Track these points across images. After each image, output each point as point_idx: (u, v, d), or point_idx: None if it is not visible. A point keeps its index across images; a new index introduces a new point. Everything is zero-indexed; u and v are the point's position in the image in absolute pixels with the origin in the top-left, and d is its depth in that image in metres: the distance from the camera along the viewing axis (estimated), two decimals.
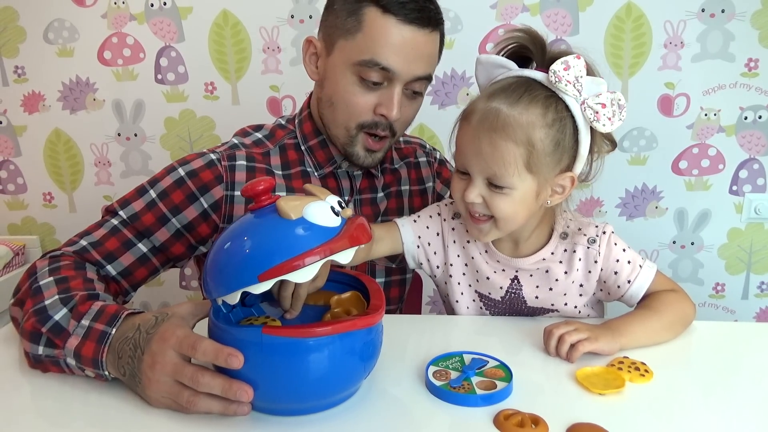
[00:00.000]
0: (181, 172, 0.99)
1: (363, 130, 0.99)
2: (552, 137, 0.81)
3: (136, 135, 1.91)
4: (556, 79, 0.80)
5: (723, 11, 1.73)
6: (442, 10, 0.98)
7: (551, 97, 0.81)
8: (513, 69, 0.85)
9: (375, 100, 0.97)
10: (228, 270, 0.64)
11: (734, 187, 1.88)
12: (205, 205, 0.99)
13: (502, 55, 0.88)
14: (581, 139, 0.83)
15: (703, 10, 1.74)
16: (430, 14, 0.94)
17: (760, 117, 1.81)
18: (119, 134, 1.91)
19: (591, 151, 0.85)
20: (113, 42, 1.82)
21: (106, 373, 0.73)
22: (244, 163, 1.02)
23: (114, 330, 0.73)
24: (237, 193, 1.00)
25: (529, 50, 0.85)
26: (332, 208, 0.65)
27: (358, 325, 0.65)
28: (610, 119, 0.80)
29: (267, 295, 0.79)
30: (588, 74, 0.82)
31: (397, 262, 1.13)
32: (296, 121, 1.09)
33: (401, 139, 1.20)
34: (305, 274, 0.62)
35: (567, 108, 0.81)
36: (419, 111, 1.05)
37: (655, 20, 1.75)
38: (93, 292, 0.81)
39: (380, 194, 1.13)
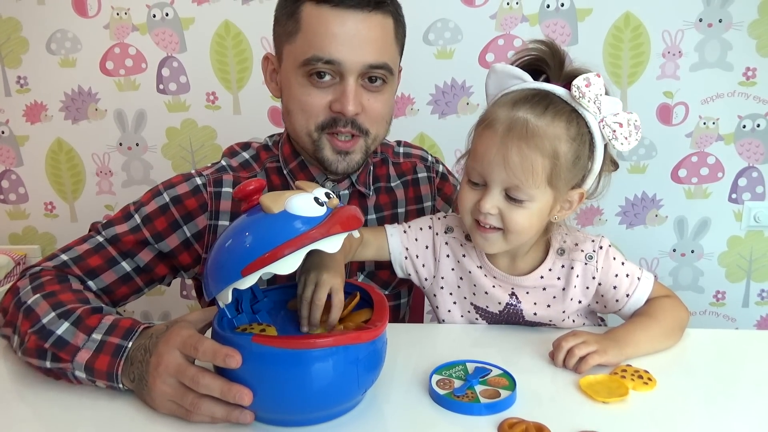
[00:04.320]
0: (166, 197, 0.97)
1: (325, 131, 0.94)
2: (574, 151, 0.81)
3: (137, 144, 1.91)
4: (579, 95, 0.80)
5: (720, 21, 1.75)
6: (443, 20, 0.97)
7: (574, 112, 0.82)
8: (528, 81, 0.85)
9: (329, 97, 0.92)
10: (216, 268, 0.65)
11: (733, 195, 1.89)
12: (188, 234, 0.97)
13: (517, 66, 0.87)
14: (596, 157, 0.84)
15: (700, 20, 1.75)
16: None
17: (758, 125, 1.82)
18: (121, 144, 1.92)
19: (601, 169, 0.86)
20: (115, 52, 1.83)
21: (120, 385, 0.73)
22: (230, 190, 0.99)
23: (131, 343, 0.74)
24: (221, 222, 0.98)
25: (545, 63, 0.85)
26: (316, 199, 0.65)
27: (346, 340, 0.64)
28: (626, 138, 0.81)
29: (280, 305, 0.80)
30: (605, 93, 0.82)
31: (390, 288, 1.11)
32: (279, 143, 1.06)
33: (401, 151, 1.16)
34: (287, 265, 0.62)
35: (586, 124, 0.82)
36: (419, 119, 1.03)
37: (654, 30, 1.76)
38: (96, 305, 0.81)
39: (371, 216, 1.08)
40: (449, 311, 0.99)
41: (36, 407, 0.75)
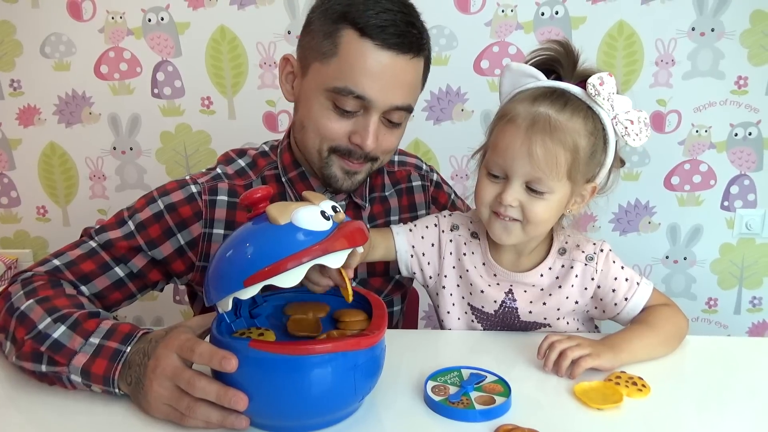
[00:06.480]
0: (161, 205, 0.96)
1: (336, 153, 0.94)
2: (591, 146, 0.84)
3: (131, 149, 1.91)
4: (595, 93, 0.83)
5: (713, 30, 1.76)
6: (438, 27, 0.96)
7: (589, 109, 0.85)
8: (542, 80, 0.87)
9: (349, 127, 0.91)
10: (218, 276, 0.65)
11: (725, 203, 1.90)
12: (182, 242, 0.97)
13: (531, 64, 0.89)
14: (608, 152, 0.87)
15: (693, 29, 1.77)
16: (412, 39, 0.88)
17: (750, 134, 1.84)
18: (114, 148, 1.91)
19: (611, 165, 0.89)
20: (110, 56, 1.83)
21: (116, 390, 0.73)
22: (225, 198, 0.98)
23: (129, 348, 0.73)
24: (215, 230, 0.98)
25: (559, 63, 0.88)
26: (323, 213, 0.66)
27: (344, 346, 0.65)
28: (638, 135, 0.84)
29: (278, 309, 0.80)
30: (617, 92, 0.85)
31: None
32: (278, 150, 1.04)
33: (396, 159, 1.16)
34: (290, 278, 0.63)
35: (600, 121, 0.85)
36: (414, 125, 1.03)
37: (647, 38, 1.78)
38: (94, 310, 0.81)
39: (367, 226, 1.08)
40: (448, 312, 0.99)
41: (30, 412, 0.74)
